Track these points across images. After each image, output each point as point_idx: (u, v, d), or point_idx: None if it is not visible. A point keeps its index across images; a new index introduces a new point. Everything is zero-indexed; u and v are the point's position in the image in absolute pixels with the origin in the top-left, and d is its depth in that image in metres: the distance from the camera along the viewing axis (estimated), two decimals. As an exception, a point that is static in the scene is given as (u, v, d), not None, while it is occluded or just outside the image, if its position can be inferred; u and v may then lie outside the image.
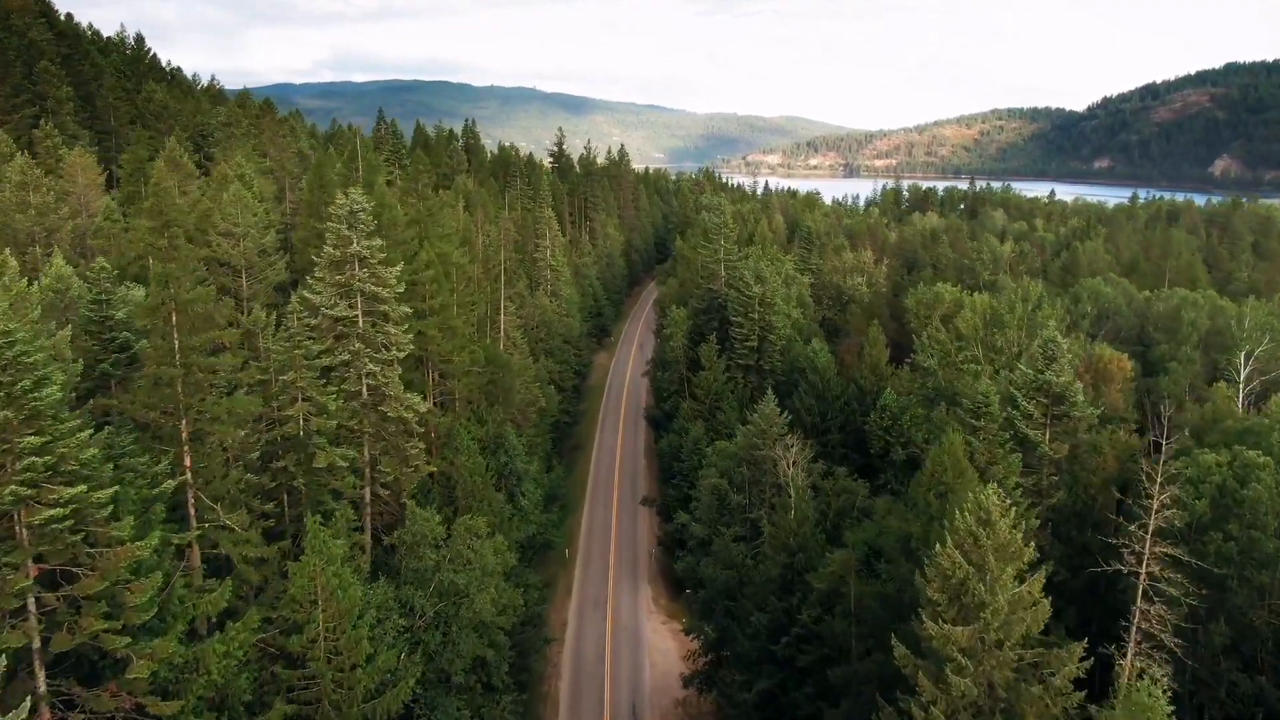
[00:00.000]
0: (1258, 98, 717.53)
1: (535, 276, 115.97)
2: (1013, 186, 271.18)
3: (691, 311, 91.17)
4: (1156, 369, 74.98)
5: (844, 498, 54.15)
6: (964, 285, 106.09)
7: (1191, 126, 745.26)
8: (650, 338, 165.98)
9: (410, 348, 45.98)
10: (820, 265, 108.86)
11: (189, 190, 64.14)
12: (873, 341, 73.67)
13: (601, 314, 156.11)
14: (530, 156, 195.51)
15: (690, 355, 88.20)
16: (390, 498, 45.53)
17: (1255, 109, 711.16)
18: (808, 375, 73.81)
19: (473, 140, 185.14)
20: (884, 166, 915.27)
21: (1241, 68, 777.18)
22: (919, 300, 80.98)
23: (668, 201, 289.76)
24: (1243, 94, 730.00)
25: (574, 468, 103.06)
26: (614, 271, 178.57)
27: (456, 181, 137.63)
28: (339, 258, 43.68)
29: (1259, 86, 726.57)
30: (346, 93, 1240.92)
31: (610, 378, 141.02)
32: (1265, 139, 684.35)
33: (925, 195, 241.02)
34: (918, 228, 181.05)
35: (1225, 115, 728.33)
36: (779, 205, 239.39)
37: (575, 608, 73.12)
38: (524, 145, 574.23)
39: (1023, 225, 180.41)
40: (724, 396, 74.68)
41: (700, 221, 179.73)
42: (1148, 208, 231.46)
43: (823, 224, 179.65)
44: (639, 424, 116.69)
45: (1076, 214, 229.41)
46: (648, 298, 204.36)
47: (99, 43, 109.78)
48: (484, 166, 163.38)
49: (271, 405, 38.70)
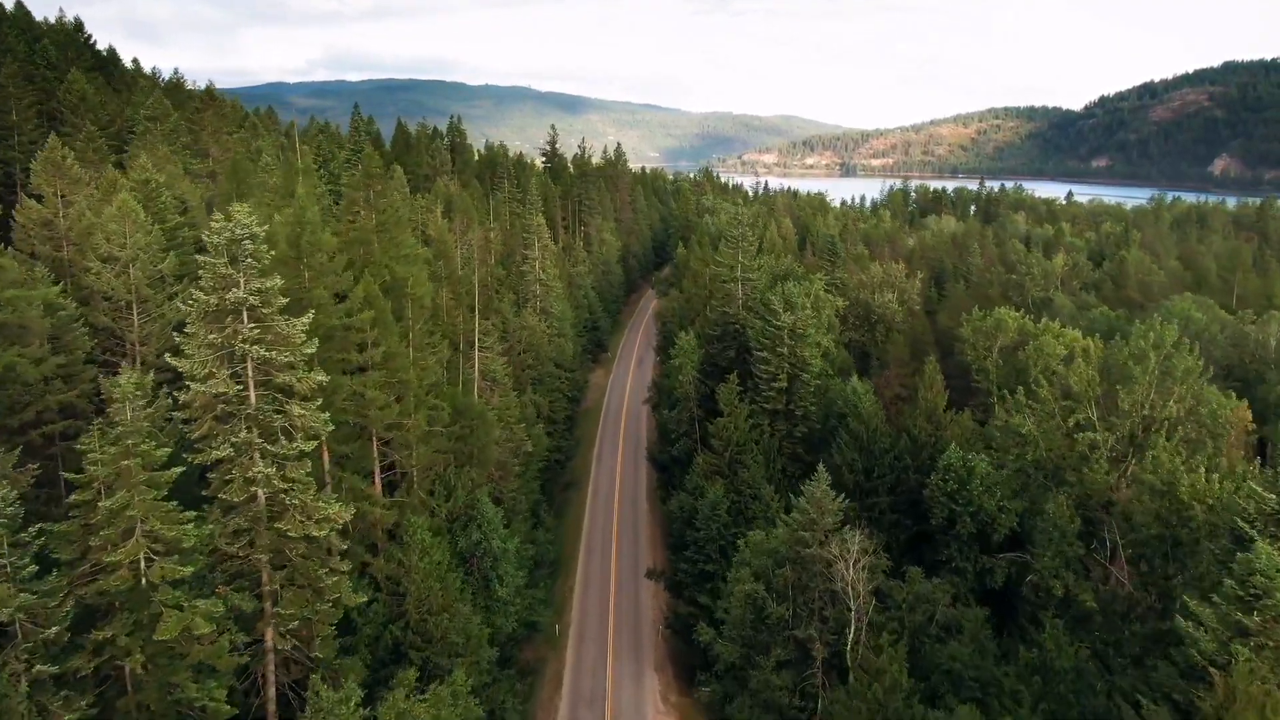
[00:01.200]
0: (1256, 96, 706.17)
1: (523, 291, 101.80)
2: (1024, 187, 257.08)
3: (702, 338, 77.12)
4: (1271, 413, 61.20)
5: (922, 609, 40.38)
6: (1011, 302, 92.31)
7: (1190, 125, 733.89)
8: (650, 353, 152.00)
9: (326, 429, 31.83)
10: (844, 279, 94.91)
11: (75, 200, 49.89)
12: (928, 382, 59.74)
13: (598, 327, 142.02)
14: (520, 156, 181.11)
15: (701, 390, 74.22)
16: (298, 649, 31.38)
17: (1254, 108, 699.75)
18: (848, 423, 59.92)
19: (459, 139, 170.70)
20: (880, 166, 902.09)
21: (1240, 66, 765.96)
22: (976, 329, 67.05)
23: (666, 203, 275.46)
24: (1241, 93, 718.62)
25: (566, 512, 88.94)
26: (611, 280, 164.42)
27: (436, 185, 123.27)
28: (217, 307, 29.56)
29: (1258, 85, 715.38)
30: (341, 92, 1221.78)
31: (607, 399, 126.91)
32: (1265, 138, 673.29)
33: (937, 197, 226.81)
34: (937, 233, 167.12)
35: (1224, 114, 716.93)
36: (784, 208, 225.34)
37: (567, 707, 59.17)
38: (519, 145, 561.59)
39: (1047, 230, 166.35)
40: (747, 448, 60.77)
41: (703, 226, 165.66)
42: (1170, 209, 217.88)
43: (835, 229, 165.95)
44: (640, 460, 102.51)
45: (1101, 216, 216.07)
46: (646, 306, 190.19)
47: (26, 26, 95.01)
48: (469, 167, 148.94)
49: (87, 543, 24.63)
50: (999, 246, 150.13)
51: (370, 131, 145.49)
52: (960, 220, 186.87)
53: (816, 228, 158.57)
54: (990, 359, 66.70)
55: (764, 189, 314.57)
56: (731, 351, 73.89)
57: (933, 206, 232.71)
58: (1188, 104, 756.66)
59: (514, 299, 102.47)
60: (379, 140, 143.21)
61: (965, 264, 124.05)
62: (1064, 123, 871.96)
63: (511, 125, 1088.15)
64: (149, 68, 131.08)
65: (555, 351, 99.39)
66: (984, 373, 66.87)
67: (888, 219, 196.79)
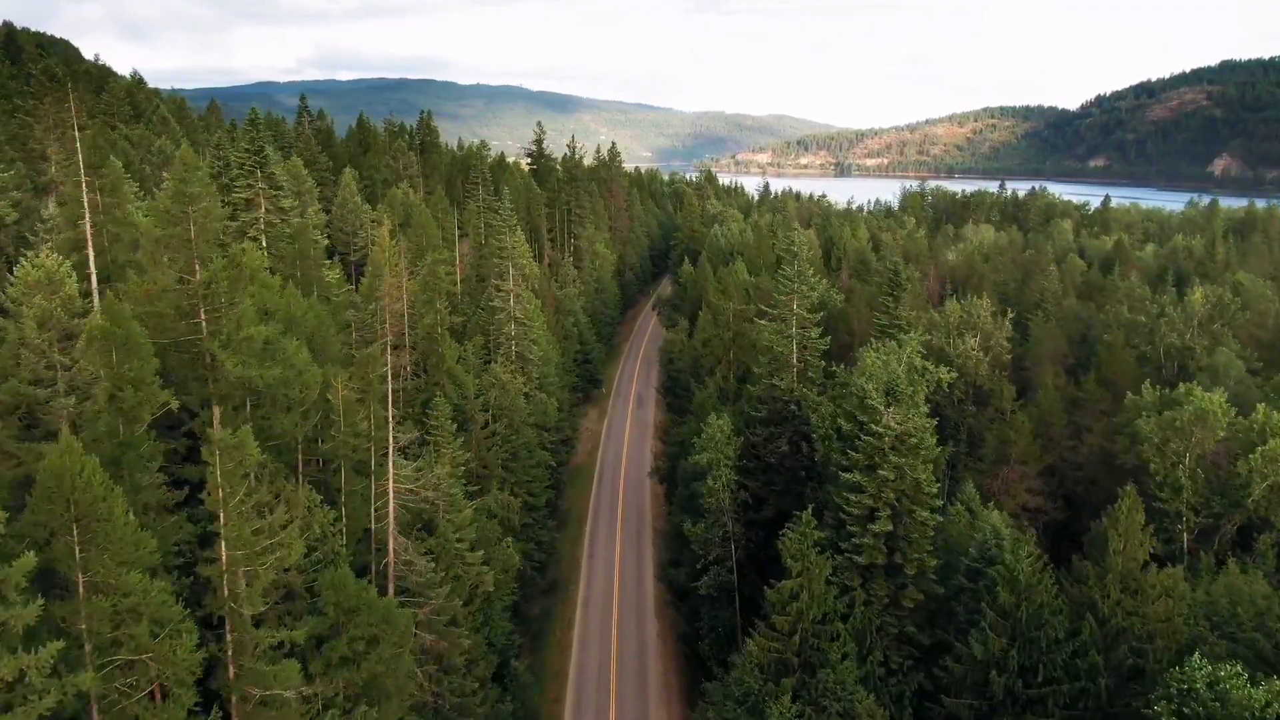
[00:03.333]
0: (1255, 96, 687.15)
1: (495, 335, 77.69)
2: (1048, 188, 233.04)
3: (742, 420, 53.20)
4: None
5: None
6: (1139, 353, 68.50)
7: (1189, 125, 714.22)
8: (651, 386, 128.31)
9: None
10: (908, 317, 71.02)
11: None
12: (1124, 528, 36.19)
13: (590, 359, 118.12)
14: (502, 157, 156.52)
15: (738, 497, 50.49)
16: None
17: (1253, 107, 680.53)
18: (994, 593, 36.54)
19: (430, 137, 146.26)
20: (875, 165, 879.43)
21: (1238, 65, 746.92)
22: (1162, 424, 43.40)
23: (663, 206, 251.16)
24: (1240, 92, 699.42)
25: (546, 637, 65.15)
26: (605, 299, 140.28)
27: (392, 193, 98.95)
28: None
29: (1256, 84, 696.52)
30: (330, 92, 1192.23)
31: (602, 455, 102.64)
32: (1266, 137, 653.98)
33: (964, 202, 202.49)
34: (978, 245, 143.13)
35: (1223, 113, 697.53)
36: (797, 214, 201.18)
37: None
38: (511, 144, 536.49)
39: (1104, 242, 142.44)
40: (829, 628, 37.20)
41: (713, 240, 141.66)
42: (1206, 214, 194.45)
43: (865, 241, 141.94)
44: (644, 548, 78.92)
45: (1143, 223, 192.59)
46: (645, 325, 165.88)
47: None
48: (437, 171, 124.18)
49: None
50: (1059, 264, 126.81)
51: (320, 128, 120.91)
52: (1003, 229, 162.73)
53: (844, 240, 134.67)
54: (1183, 469, 43.07)
55: (764, 189, 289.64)
56: (784, 443, 50.08)
57: (957, 211, 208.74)
58: (1186, 103, 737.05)
59: (484, 341, 78.46)
60: (328, 137, 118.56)
61: (1036, 289, 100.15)
62: (1060, 122, 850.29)
63: (504, 125, 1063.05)
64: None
65: (534, 411, 75.49)
66: (1173, 491, 43.30)
67: (913, 227, 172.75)
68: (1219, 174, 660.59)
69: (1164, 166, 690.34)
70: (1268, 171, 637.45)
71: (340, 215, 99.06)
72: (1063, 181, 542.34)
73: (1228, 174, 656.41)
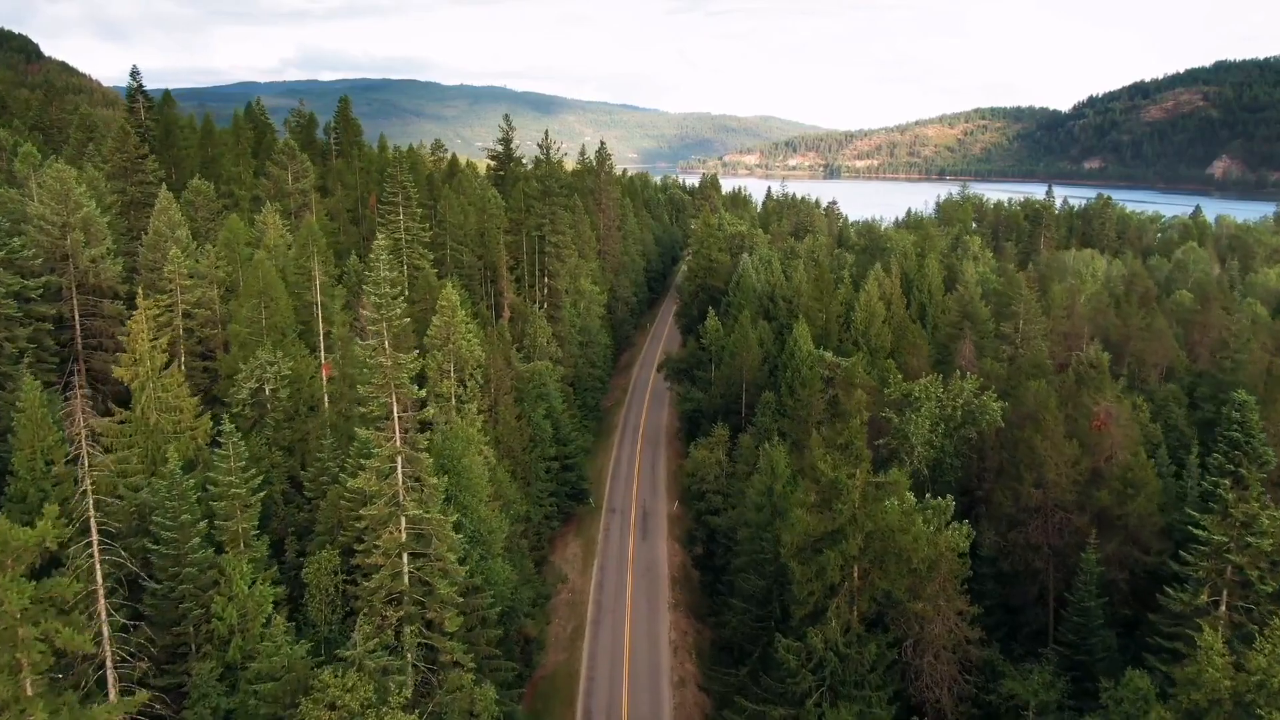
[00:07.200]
0: (1253, 96, 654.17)
1: (359, 557, 36.12)
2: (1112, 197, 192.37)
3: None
4: None
5: None
6: None
7: (1185, 126, 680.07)
8: (659, 496, 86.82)
9: None
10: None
11: None
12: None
13: (570, 464, 76.22)
14: (453, 158, 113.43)
15: None
16: None
17: (1252, 108, 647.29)
18: None
19: (353, 135, 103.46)
20: (865, 167, 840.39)
21: (1232, 65, 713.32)
22: None
23: (658, 216, 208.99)
24: (1237, 93, 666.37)
25: None
26: (591, 354, 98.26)
27: (230, 223, 56.27)
28: None
29: (1253, 85, 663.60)
30: (313, 92, 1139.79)
31: (588, 666, 60.71)
32: (1266, 139, 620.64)
33: (1036, 211, 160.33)
34: (1099, 280, 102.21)
35: (1220, 114, 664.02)
36: (826, 226, 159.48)
37: None
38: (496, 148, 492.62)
39: (1267, 276, 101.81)
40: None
41: (747, 281, 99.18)
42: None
43: (936, 273, 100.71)
44: None
45: (1240, 237, 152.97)
46: (644, 380, 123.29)
47: None
48: (343, 183, 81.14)
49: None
50: (1229, 314, 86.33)
51: (165, 118, 77.98)
52: (1118, 258, 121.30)
53: (925, 279, 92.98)
54: None
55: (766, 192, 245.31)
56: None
57: (1010, 225, 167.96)
58: (1181, 104, 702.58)
59: (335, 578, 36.77)
60: (168, 133, 75.49)
61: (1220, 358, 59.25)
62: (1053, 123, 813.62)
63: (488, 125, 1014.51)
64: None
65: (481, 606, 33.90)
66: None
67: (979, 246, 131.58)
68: (1219, 176, 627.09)
69: (1162, 169, 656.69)
70: (1270, 173, 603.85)
71: (149, 264, 56.39)
72: (1059, 184, 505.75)
73: (1228, 176, 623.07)
